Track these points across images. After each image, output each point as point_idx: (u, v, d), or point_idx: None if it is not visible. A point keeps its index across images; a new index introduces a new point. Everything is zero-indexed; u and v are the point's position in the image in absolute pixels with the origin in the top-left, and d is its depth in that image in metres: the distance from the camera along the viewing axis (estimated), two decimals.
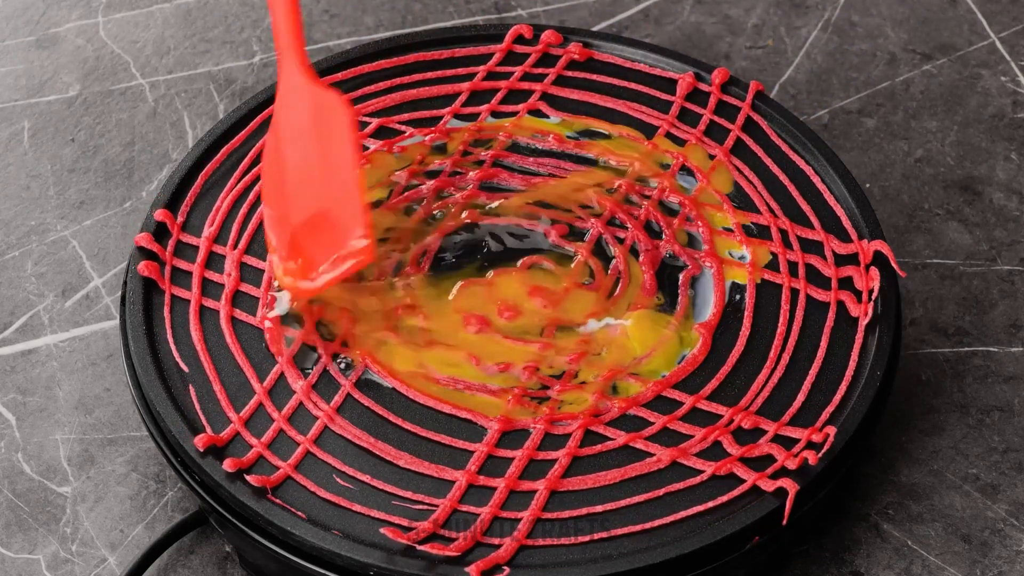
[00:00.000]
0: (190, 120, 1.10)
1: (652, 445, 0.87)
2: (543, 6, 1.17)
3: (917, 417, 0.95)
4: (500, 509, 0.85)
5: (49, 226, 1.04)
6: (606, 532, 0.84)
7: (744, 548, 0.84)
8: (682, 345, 0.91)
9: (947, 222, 1.04)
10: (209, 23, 1.16)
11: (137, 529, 0.91)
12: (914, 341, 0.98)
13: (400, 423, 0.88)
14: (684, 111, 1.02)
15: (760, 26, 1.16)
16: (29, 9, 1.17)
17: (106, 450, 0.94)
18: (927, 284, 1.01)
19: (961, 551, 0.90)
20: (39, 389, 0.97)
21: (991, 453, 0.94)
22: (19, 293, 1.01)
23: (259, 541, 0.85)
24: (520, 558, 0.83)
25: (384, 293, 0.93)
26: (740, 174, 0.99)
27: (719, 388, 0.90)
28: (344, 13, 1.17)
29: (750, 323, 0.92)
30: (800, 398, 0.89)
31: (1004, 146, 1.08)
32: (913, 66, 1.13)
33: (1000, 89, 1.11)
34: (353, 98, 1.02)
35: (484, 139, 1.00)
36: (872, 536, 0.90)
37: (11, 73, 1.13)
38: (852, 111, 1.10)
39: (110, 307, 1.00)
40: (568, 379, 0.90)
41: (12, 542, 0.91)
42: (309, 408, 0.89)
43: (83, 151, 1.08)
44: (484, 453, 0.87)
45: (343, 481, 0.86)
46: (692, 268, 0.94)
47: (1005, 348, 0.98)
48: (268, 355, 0.91)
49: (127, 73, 1.13)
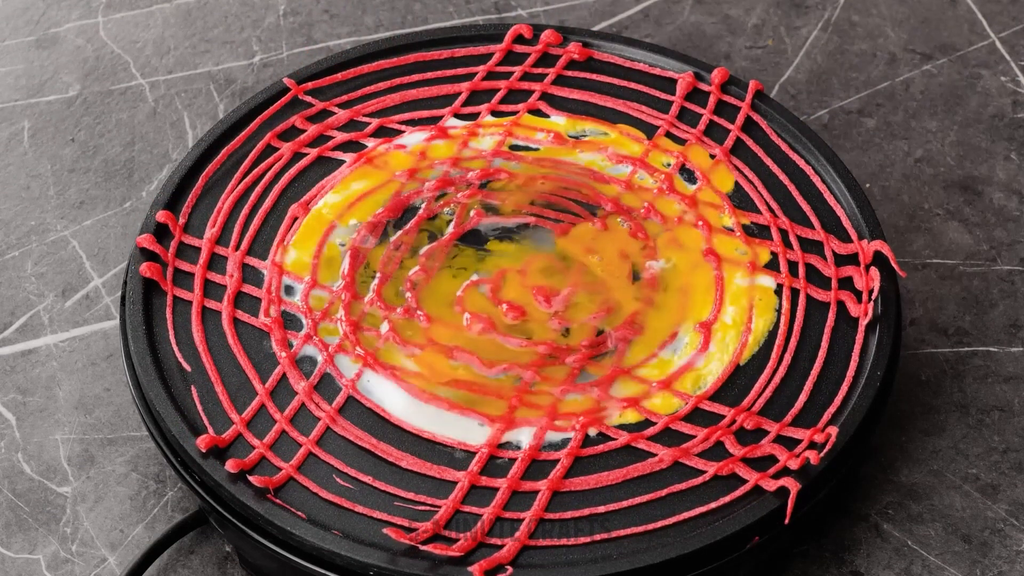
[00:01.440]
0: (190, 120, 1.10)
1: (654, 445, 0.87)
2: (543, 6, 1.17)
3: (917, 417, 0.95)
4: (503, 509, 0.85)
5: (49, 226, 1.04)
6: (607, 533, 0.84)
7: (744, 548, 0.84)
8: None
9: (947, 222, 1.04)
10: (209, 23, 1.16)
11: (137, 529, 0.91)
12: (914, 341, 0.98)
13: (401, 424, 0.88)
14: (684, 111, 1.02)
15: (760, 26, 1.16)
16: (29, 9, 1.16)
17: (106, 450, 0.94)
18: (927, 284, 1.01)
19: (961, 551, 0.90)
20: (39, 389, 0.97)
21: (991, 453, 0.94)
22: (19, 293, 1.01)
23: (259, 541, 0.85)
24: (523, 558, 0.83)
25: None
26: (740, 174, 0.99)
27: (721, 389, 0.90)
28: (344, 13, 1.17)
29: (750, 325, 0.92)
30: (802, 398, 0.89)
31: (1004, 146, 1.08)
32: (913, 66, 1.13)
33: (1000, 89, 1.11)
34: (353, 98, 1.03)
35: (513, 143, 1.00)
36: (872, 536, 0.90)
37: (11, 73, 1.13)
38: (852, 111, 1.10)
39: (110, 307, 1.00)
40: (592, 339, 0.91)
41: (12, 542, 0.91)
42: (311, 409, 0.89)
43: (83, 151, 1.08)
44: (486, 454, 0.87)
45: (344, 482, 0.86)
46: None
47: (1005, 348, 0.98)
48: (270, 356, 0.91)
49: (127, 73, 1.13)
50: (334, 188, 0.98)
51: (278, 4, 1.17)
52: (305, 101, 1.02)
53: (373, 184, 0.98)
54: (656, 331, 0.92)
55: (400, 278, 0.94)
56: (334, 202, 0.97)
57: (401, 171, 0.99)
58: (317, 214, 0.97)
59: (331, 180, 0.98)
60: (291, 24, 1.16)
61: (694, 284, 0.94)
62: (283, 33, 1.15)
